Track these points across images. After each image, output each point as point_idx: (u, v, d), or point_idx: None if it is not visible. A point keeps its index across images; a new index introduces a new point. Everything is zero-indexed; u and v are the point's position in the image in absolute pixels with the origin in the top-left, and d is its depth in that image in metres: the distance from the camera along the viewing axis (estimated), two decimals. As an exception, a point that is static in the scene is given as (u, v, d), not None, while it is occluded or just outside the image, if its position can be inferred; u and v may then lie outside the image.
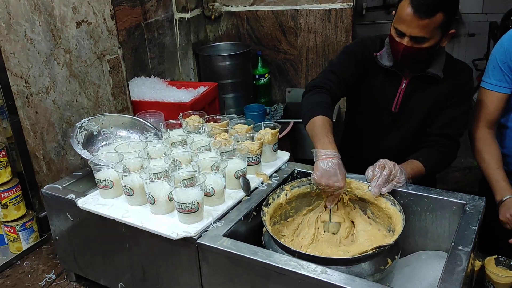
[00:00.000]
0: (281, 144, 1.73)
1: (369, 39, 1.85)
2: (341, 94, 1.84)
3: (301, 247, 1.45)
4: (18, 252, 1.79)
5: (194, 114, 1.80)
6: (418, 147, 1.76)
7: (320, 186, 1.45)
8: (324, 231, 1.51)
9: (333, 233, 1.50)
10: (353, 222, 1.53)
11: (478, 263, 1.51)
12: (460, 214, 1.38)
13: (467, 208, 1.38)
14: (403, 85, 1.78)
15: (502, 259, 1.48)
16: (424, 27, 1.56)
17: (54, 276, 1.70)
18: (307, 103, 1.71)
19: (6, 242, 1.83)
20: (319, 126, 1.57)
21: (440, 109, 1.76)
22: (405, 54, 1.64)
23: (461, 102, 1.75)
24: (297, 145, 3.00)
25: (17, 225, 1.78)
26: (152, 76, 2.70)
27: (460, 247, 1.21)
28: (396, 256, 1.31)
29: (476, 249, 1.35)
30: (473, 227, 1.29)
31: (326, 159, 1.44)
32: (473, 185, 2.12)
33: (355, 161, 1.68)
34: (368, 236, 1.50)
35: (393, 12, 1.67)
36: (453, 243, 1.23)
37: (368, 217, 1.54)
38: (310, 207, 1.58)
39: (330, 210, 1.50)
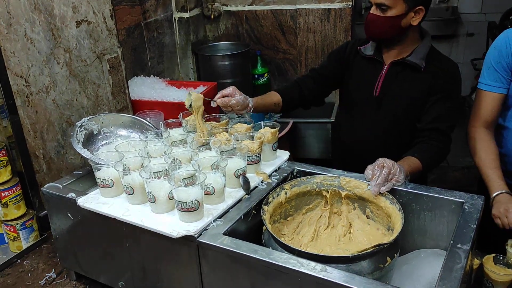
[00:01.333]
0: (281, 144, 1.74)
1: (352, 40, 2.07)
2: (322, 84, 2.06)
3: (300, 246, 1.46)
4: (18, 251, 1.80)
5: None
6: (408, 136, 1.85)
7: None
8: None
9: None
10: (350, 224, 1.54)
11: (476, 262, 1.52)
12: (459, 212, 1.39)
13: (466, 207, 1.38)
14: (384, 70, 1.88)
15: (501, 257, 1.49)
16: None
17: (54, 275, 1.70)
18: None
19: (6, 241, 1.83)
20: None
21: (426, 102, 1.82)
22: (371, 22, 1.79)
23: (448, 97, 1.81)
24: (296, 145, 3.01)
25: (17, 224, 1.78)
26: (152, 76, 2.71)
27: (459, 245, 1.22)
28: (395, 254, 1.32)
29: (474, 248, 1.36)
30: (472, 226, 1.30)
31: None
32: (472, 184, 2.13)
33: (346, 153, 1.89)
34: (367, 235, 1.51)
35: None
36: (452, 241, 1.24)
37: (367, 216, 1.54)
38: (310, 206, 1.59)
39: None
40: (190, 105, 1.68)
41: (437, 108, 1.81)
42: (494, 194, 1.68)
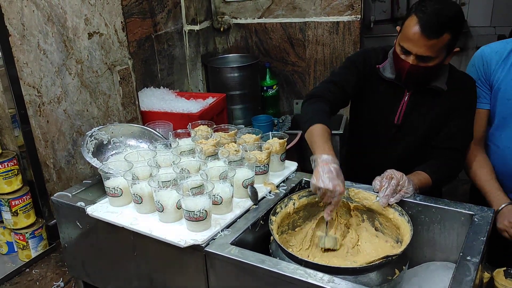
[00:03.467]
0: (289, 155, 1.74)
1: (372, 51, 1.85)
2: (341, 104, 1.83)
3: (308, 256, 1.45)
4: (27, 260, 1.81)
5: (203, 124, 1.82)
6: (422, 160, 1.74)
7: (320, 190, 1.42)
8: (321, 247, 1.48)
9: (331, 249, 1.48)
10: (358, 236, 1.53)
11: (487, 275, 1.49)
12: (468, 225, 1.38)
13: (475, 219, 1.37)
14: (406, 97, 1.77)
15: (511, 271, 1.47)
16: (431, 47, 1.56)
17: (62, 284, 1.71)
18: (306, 112, 1.73)
19: (16, 250, 1.85)
20: (317, 134, 1.58)
21: (445, 121, 1.75)
22: (411, 72, 1.63)
23: (465, 112, 1.75)
24: (304, 156, 3.00)
25: (26, 232, 1.79)
26: (162, 87, 2.73)
27: (468, 258, 1.20)
28: (403, 267, 1.30)
29: (484, 261, 1.35)
30: (482, 238, 1.28)
31: (326, 165, 1.43)
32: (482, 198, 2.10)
33: (360, 173, 1.68)
34: (375, 247, 1.50)
35: (398, 27, 1.67)
36: (461, 254, 1.22)
37: (376, 228, 1.53)
38: (318, 217, 1.57)
39: (327, 223, 1.48)
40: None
41: (453, 126, 1.73)
42: (499, 208, 1.66)
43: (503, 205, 1.67)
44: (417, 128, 1.79)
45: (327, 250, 1.49)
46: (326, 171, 1.42)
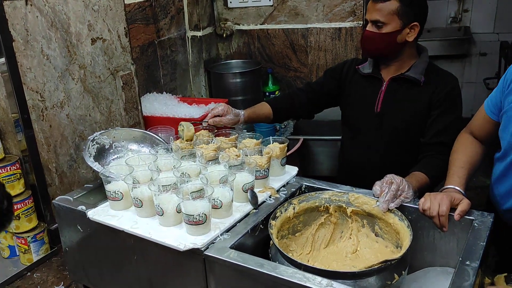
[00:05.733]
0: (291, 161, 1.75)
1: (350, 59, 2.09)
2: (314, 99, 2.09)
3: (308, 261, 1.45)
4: (29, 264, 1.81)
5: (204, 129, 1.83)
6: (406, 153, 1.88)
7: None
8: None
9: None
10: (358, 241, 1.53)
11: (488, 281, 1.49)
12: (468, 230, 1.37)
13: (475, 224, 1.37)
14: (383, 86, 1.91)
15: (513, 277, 1.46)
16: (379, 10, 1.77)
17: (63, 288, 1.72)
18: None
19: (17, 254, 1.85)
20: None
21: (428, 116, 1.84)
22: (367, 39, 1.84)
23: (450, 109, 1.83)
24: (306, 162, 3.01)
25: (28, 236, 1.80)
26: (164, 93, 2.75)
27: (467, 263, 1.20)
28: (403, 272, 1.30)
29: (485, 266, 1.34)
30: (481, 243, 1.28)
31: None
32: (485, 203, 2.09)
33: (351, 170, 1.91)
34: (375, 252, 1.50)
35: None
36: (460, 259, 1.22)
37: (376, 234, 1.53)
38: (318, 222, 1.57)
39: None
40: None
41: (440, 122, 1.82)
42: (444, 187, 1.55)
43: (451, 186, 1.54)
44: (398, 116, 1.89)
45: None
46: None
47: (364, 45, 1.89)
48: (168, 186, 1.43)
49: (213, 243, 1.32)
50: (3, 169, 1.72)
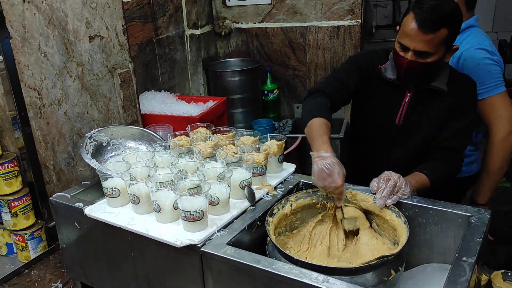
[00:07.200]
0: (289, 159, 1.75)
1: (374, 52, 1.87)
2: (342, 101, 1.86)
3: (306, 258, 1.45)
4: (26, 261, 1.81)
5: (202, 126, 1.83)
6: (423, 160, 1.75)
7: (320, 188, 1.48)
8: (344, 229, 1.52)
9: (350, 230, 1.51)
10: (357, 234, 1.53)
11: (485, 278, 1.49)
12: (465, 226, 1.38)
13: (472, 220, 1.37)
14: (407, 98, 1.77)
15: (509, 274, 1.47)
16: (428, 42, 1.57)
17: (60, 285, 1.72)
18: (306, 107, 1.76)
19: (15, 251, 1.86)
20: (315, 129, 1.61)
21: (446, 122, 1.75)
22: (409, 68, 1.64)
23: (465, 114, 1.74)
24: (305, 160, 3.00)
25: (26, 234, 1.80)
26: (163, 91, 2.75)
27: (464, 258, 1.20)
28: (400, 268, 1.30)
29: (481, 262, 1.34)
30: (478, 239, 1.28)
31: (320, 160, 1.46)
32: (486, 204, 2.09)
33: (361, 175, 1.66)
34: (372, 249, 1.49)
35: (397, 27, 1.69)
36: (456, 254, 1.22)
37: (374, 230, 1.53)
38: (315, 219, 1.58)
39: (342, 207, 1.51)
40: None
41: (453, 126, 1.73)
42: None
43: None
44: (419, 129, 1.79)
45: (350, 232, 1.52)
46: (321, 167, 1.44)
47: (405, 73, 1.68)
48: (165, 182, 1.43)
49: (210, 239, 1.32)
50: (0, 167, 1.72)
